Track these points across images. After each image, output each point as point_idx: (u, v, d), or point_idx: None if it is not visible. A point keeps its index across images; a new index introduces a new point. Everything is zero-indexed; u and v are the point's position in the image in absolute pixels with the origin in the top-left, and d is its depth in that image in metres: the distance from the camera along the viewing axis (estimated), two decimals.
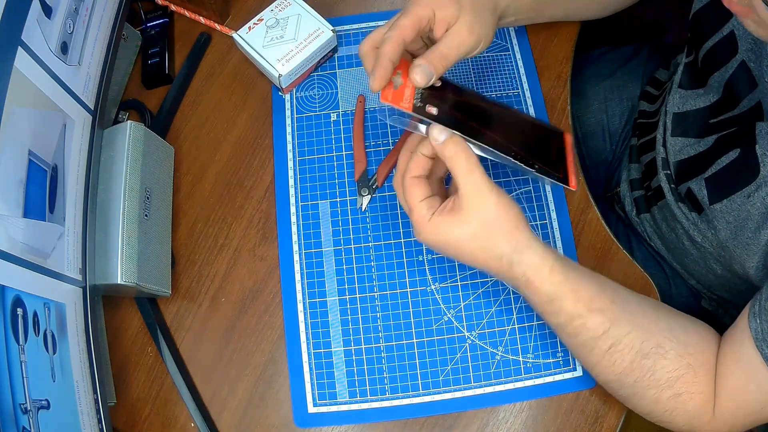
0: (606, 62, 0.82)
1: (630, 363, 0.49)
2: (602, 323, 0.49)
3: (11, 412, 0.38)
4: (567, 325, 0.50)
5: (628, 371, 0.49)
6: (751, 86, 0.52)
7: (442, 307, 0.60)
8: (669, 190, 0.63)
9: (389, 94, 0.50)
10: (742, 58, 0.52)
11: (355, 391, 0.58)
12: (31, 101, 0.46)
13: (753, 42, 0.51)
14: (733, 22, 0.53)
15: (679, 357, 0.49)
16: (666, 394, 0.49)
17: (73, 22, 0.52)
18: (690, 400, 0.49)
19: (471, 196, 0.47)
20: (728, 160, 0.53)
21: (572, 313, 0.49)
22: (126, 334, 0.61)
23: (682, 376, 0.48)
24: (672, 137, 0.62)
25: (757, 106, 0.52)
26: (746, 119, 0.53)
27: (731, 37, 0.53)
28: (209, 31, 0.72)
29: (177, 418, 0.58)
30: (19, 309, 0.41)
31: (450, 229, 0.48)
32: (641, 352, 0.48)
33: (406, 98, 0.50)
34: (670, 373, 0.48)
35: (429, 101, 0.51)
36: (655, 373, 0.48)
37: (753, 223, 0.50)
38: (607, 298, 0.49)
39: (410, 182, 0.50)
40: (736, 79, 0.53)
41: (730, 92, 0.55)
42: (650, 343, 0.49)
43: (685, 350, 0.49)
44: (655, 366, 0.48)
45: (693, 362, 0.49)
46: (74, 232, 0.51)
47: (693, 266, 0.66)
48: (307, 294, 0.61)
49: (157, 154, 0.62)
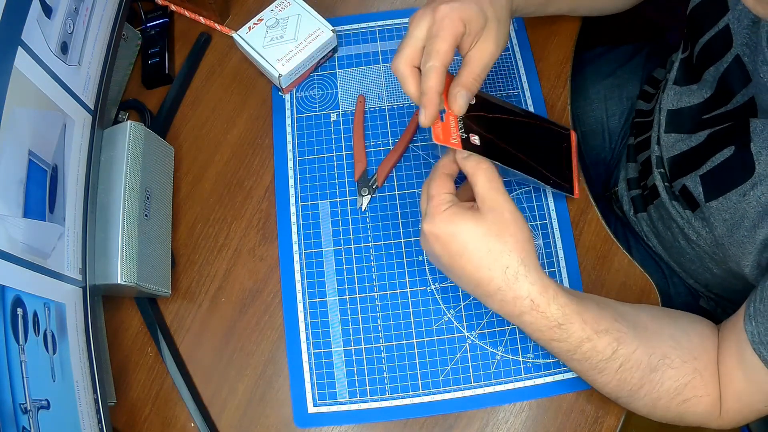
0: (606, 61, 0.82)
1: (640, 379, 0.48)
2: (610, 343, 0.48)
3: (11, 412, 0.38)
4: (576, 351, 0.48)
5: (638, 387, 0.49)
6: (745, 81, 0.52)
7: (442, 307, 0.60)
8: (664, 189, 0.63)
9: (440, 133, 0.49)
10: (736, 52, 0.52)
11: (355, 391, 0.58)
12: (31, 101, 0.46)
13: (748, 36, 0.51)
14: (728, 17, 0.53)
15: (684, 364, 0.49)
16: (676, 401, 0.49)
17: (73, 22, 0.52)
18: (699, 403, 0.49)
19: (489, 200, 0.47)
20: (723, 158, 0.53)
21: (581, 337, 0.47)
22: (126, 334, 0.61)
23: (689, 382, 0.49)
24: (665, 134, 0.62)
25: (751, 101, 0.51)
26: (739, 115, 0.53)
27: (726, 31, 0.53)
28: (209, 31, 0.72)
29: (177, 418, 0.58)
30: (19, 309, 0.41)
31: (463, 221, 0.46)
32: (649, 366, 0.48)
33: (453, 133, 0.50)
34: (678, 381, 0.49)
35: (470, 129, 0.51)
36: (664, 384, 0.49)
37: (749, 221, 0.50)
38: (610, 318, 0.49)
39: (441, 175, 0.49)
40: (730, 73, 0.53)
41: (723, 87, 0.54)
42: (656, 355, 0.48)
43: (690, 355, 0.49)
44: (663, 378, 0.48)
45: (698, 366, 0.49)
46: (74, 232, 0.51)
47: (689, 265, 0.66)
48: (307, 294, 0.61)
49: (157, 154, 0.62)
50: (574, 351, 0.48)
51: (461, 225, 0.46)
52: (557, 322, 0.47)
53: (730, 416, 0.50)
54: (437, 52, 0.47)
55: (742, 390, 0.49)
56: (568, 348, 0.48)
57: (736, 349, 0.49)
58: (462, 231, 0.46)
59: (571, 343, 0.48)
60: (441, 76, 0.47)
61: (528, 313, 0.47)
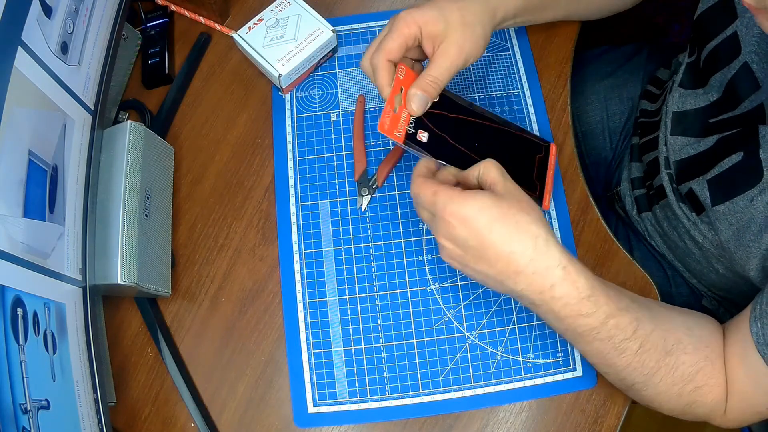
0: (606, 61, 0.82)
1: (656, 362, 0.48)
2: (631, 322, 0.47)
3: (11, 412, 0.38)
4: (602, 327, 0.46)
5: (654, 370, 0.48)
6: (754, 88, 0.52)
7: (442, 307, 0.60)
8: (671, 190, 0.63)
9: (386, 122, 0.52)
10: (745, 59, 0.52)
11: (355, 391, 0.58)
12: (31, 101, 0.46)
13: (757, 44, 0.51)
14: (737, 24, 0.53)
15: (697, 350, 0.49)
16: (688, 388, 0.49)
17: (73, 22, 0.52)
18: (710, 392, 0.49)
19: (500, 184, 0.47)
20: (731, 163, 0.53)
21: (607, 312, 0.46)
22: (126, 334, 0.61)
23: (702, 369, 0.49)
24: (672, 136, 0.62)
25: (759, 108, 0.52)
26: (747, 121, 0.53)
27: (734, 38, 0.53)
28: (209, 31, 0.72)
29: (177, 418, 0.58)
30: (19, 309, 0.41)
31: (483, 198, 0.45)
32: (665, 349, 0.48)
33: (400, 126, 0.53)
34: (691, 366, 0.49)
35: (422, 125, 0.54)
36: (678, 369, 0.49)
37: (756, 226, 0.50)
38: (627, 297, 0.49)
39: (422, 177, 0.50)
40: (738, 79, 0.53)
41: (731, 93, 0.55)
42: (671, 339, 0.49)
43: (701, 343, 0.50)
44: (677, 362, 0.49)
45: (710, 354, 0.50)
46: (74, 232, 0.51)
47: (695, 265, 0.66)
48: (307, 294, 0.61)
49: (157, 154, 0.62)
50: (600, 328, 0.46)
51: (483, 201, 0.45)
52: (588, 292, 0.45)
53: (733, 416, 0.50)
54: (382, 49, 0.52)
55: (745, 391, 0.49)
56: (594, 324, 0.46)
57: (739, 349, 0.49)
58: (485, 207, 0.45)
59: (598, 318, 0.46)
60: (385, 71, 0.52)
61: (559, 284, 0.45)
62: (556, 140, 0.66)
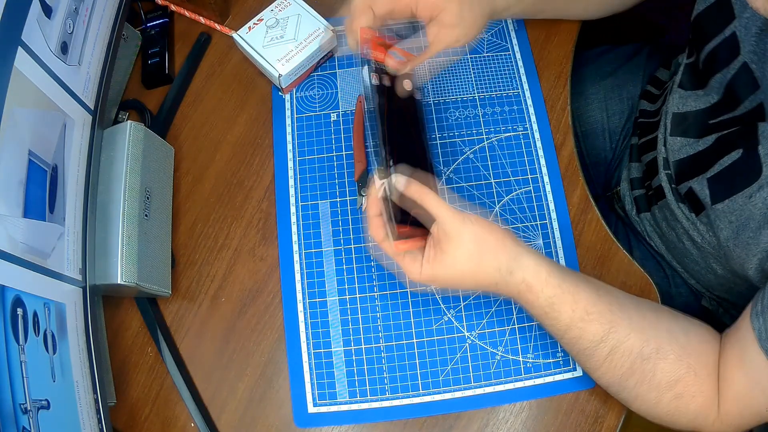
0: (606, 61, 0.82)
1: (630, 366, 0.49)
2: (601, 328, 0.49)
3: (11, 412, 0.38)
4: (566, 333, 0.50)
5: (628, 374, 0.49)
6: (753, 88, 0.52)
7: (442, 307, 0.60)
8: (670, 190, 0.63)
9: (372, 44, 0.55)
10: (744, 60, 0.52)
11: (355, 391, 0.58)
12: (31, 101, 0.46)
13: (756, 44, 0.51)
14: (735, 25, 0.53)
15: (679, 359, 0.49)
16: (667, 396, 0.49)
17: (73, 22, 0.52)
18: (692, 401, 0.49)
19: (450, 222, 0.49)
20: (730, 161, 0.53)
21: (571, 318, 0.49)
22: (126, 334, 0.61)
23: (682, 378, 0.49)
24: (671, 137, 0.62)
25: (759, 107, 0.52)
26: (747, 120, 0.53)
27: (733, 38, 0.53)
28: (209, 31, 0.72)
29: (177, 418, 0.58)
30: (19, 309, 0.41)
31: (443, 268, 0.50)
32: (641, 355, 0.49)
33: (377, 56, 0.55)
34: (670, 375, 0.49)
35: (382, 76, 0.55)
36: (655, 376, 0.49)
37: (755, 223, 0.50)
38: (604, 303, 0.50)
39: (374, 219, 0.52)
40: (738, 80, 0.53)
41: (730, 93, 0.55)
42: (650, 346, 0.49)
43: (684, 352, 0.49)
44: (654, 369, 0.49)
45: (693, 364, 0.49)
46: (74, 232, 0.51)
47: (693, 266, 0.66)
48: (307, 294, 0.61)
49: (157, 154, 0.62)
50: (564, 332, 0.50)
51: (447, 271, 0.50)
52: (548, 302, 0.49)
53: (729, 420, 0.49)
54: None
55: (743, 391, 0.48)
56: (558, 327, 0.51)
57: (738, 350, 0.49)
58: (449, 273, 0.50)
59: (561, 324, 0.50)
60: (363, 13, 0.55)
61: (525, 293, 0.50)
62: (556, 140, 0.66)
